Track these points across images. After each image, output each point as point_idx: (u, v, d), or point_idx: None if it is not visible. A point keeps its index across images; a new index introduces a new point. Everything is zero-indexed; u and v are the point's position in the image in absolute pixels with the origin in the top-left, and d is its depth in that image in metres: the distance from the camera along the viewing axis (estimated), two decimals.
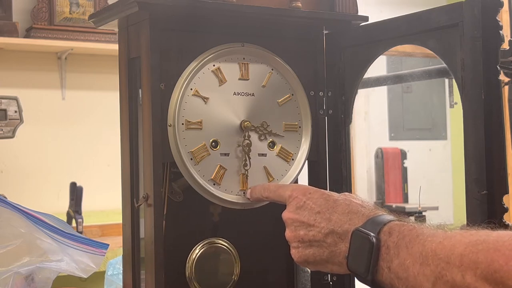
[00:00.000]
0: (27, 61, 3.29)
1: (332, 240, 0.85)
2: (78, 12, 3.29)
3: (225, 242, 1.07)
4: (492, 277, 0.65)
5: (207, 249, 1.06)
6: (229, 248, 1.07)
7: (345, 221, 0.85)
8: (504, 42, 0.93)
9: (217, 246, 1.07)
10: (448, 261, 0.70)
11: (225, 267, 1.07)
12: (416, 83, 4.10)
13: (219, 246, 1.07)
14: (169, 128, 1.00)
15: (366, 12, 1.12)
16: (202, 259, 1.05)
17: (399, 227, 0.79)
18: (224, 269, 1.07)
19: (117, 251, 2.13)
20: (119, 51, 1.09)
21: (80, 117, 3.40)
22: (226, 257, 1.07)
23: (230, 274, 1.07)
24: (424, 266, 0.73)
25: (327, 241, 0.86)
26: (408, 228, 0.78)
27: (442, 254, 0.71)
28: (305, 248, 0.89)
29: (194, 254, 1.05)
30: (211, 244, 1.06)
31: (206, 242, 1.06)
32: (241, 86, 1.06)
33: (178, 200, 1.04)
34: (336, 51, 1.14)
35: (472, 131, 0.92)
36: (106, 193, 3.08)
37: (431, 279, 0.72)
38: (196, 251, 1.05)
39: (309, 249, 0.88)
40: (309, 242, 0.88)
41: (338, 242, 0.85)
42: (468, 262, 0.68)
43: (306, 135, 1.10)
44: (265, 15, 1.05)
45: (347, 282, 1.13)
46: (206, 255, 1.05)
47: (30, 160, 3.28)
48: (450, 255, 0.70)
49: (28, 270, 1.10)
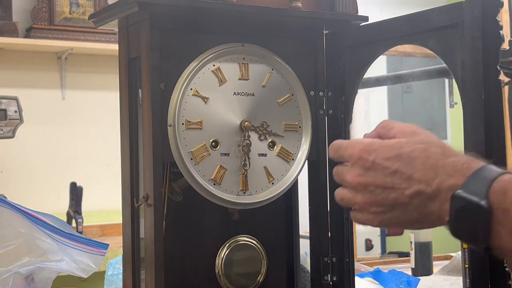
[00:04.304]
0: (27, 61, 3.29)
1: (420, 202, 0.73)
2: (78, 12, 3.29)
3: (253, 240, 1.09)
4: None
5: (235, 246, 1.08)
6: (257, 246, 1.09)
7: (431, 178, 0.72)
8: (504, 42, 0.93)
9: (245, 244, 1.09)
10: None
11: (253, 266, 1.08)
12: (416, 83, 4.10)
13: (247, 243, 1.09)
14: (169, 128, 1.00)
15: (366, 12, 1.12)
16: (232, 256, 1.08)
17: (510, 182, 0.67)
18: (252, 267, 1.09)
19: (117, 251, 2.13)
20: (119, 51, 1.09)
21: (80, 117, 3.39)
22: (254, 255, 1.09)
23: (257, 273, 1.08)
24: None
25: (413, 203, 0.74)
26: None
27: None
28: (387, 212, 0.76)
29: (222, 252, 1.07)
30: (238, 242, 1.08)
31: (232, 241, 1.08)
32: (241, 86, 1.06)
33: (178, 200, 1.04)
34: (336, 51, 1.14)
35: (472, 131, 0.92)
36: (106, 193, 3.08)
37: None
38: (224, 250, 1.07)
39: (391, 212, 0.75)
40: (390, 206, 0.75)
41: (428, 202, 0.73)
42: None
43: (306, 135, 1.10)
44: (265, 15, 1.05)
45: (347, 282, 1.13)
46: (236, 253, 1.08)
47: (30, 160, 3.27)
48: None
49: (28, 270, 1.10)
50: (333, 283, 1.13)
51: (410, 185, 0.73)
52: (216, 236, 1.08)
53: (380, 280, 1.58)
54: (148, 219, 1.00)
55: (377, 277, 1.60)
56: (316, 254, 1.12)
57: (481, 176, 0.69)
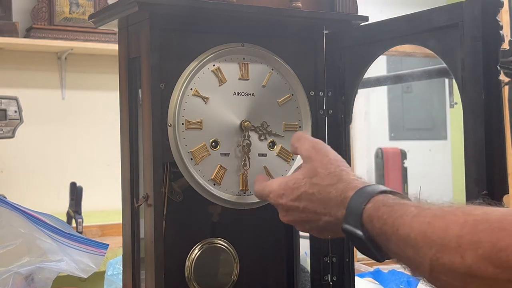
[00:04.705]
0: (27, 61, 3.29)
1: (332, 226, 0.86)
2: (78, 12, 3.29)
3: (224, 242, 1.07)
4: (496, 256, 0.63)
5: (206, 249, 1.06)
6: (229, 248, 1.07)
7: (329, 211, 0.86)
8: (504, 42, 0.93)
9: (216, 246, 1.07)
10: (442, 243, 0.68)
11: (225, 267, 1.07)
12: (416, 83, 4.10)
13: (218, 246, 1.07)
14: (169, 128, 1.00)
15: (366, 12, 1.12)
16: (201, 259, 1.05)
17: (376, 211, 0.77)
18: (224, 269, 1.07)
19: (117, 251, 2.13)
20: (119, 51, 1.09)
21: (80, 117, 3.39)
22: (225, 257, 1.07)
23: (230, 274, 1.07)
24: (417, 249, 0.71)
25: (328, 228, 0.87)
26: (386, 210, 0.76)
27: (435, 236, 0.69)
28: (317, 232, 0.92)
29: (193, 254, 1.05)
30: (211, 244, 1.06)
31: (205, 242, 1.06)
32: (241, 86, 1.06)
33: (178, 200, 1.04)
34: (336, 51, 1.14)
35: (472, 131, 0.92)
36: (106, 193, 3.08)
37: (427, 261, 0.70)
38: (195, 251, 1.05)
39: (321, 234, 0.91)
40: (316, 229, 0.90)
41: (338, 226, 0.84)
42: (468, 243, 0.66)
43: None
44: (265, 15, 1.05)
45: (347, 282, 1.13)
46: (205, 255, 1.05)
47: (30, 160, 3.28)
48: (444, 237, 0.68)
49: (28, 270, 1.10)
50: (333, 283, 1.13)
51: (319, 218, 0.87)
52: (216, 236, 1.08)
53: (380, 280, 1.58)
54: (148, 219, 1.00)
55: (377, 277, 1.60)
56: (316, 254, 1.12)
57: (354, 206, 0.81)
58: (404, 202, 0.77)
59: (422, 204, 0.76)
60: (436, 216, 0.71)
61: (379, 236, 0.77)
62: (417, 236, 0.71)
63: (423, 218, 0.72)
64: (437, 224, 0.70)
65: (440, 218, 0.70)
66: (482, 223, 0.66)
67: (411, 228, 0.72)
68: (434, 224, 0.70)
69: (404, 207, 0.76)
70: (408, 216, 0.74)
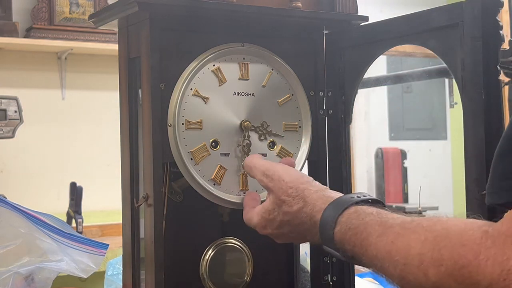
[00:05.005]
0: (27, 61, 3.29)
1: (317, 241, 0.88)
2: (78, 12, 3.29)
3: (238, 242, 1.08)
4: (459, 273, 0.64)
5: (221, 248, 1.06)
6: (242, 248, 1.08)
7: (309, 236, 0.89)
8: (504, 42, 0.93)
9: (231, 246, 1.07)
10: (405, 262, 0.69)
11: (238, 267, 1.07)
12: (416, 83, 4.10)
13: (232, 245, 1.07)
14: (169, 128, 1.00)
15: (366, 12, 1.12)
16: (216, 258, 1.06)
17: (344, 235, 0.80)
18: (237, 269, 1.07)
19: (117, 251, 2.13)
20: (119, 51, 1.09)
21: (80, 117, 3.39)
22: (239, 256, 1.07)
23: (243, 274, 1.07)
24: (385, 268, 0.73)
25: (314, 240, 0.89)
26: (353, 233, 0.78)
27: (398, 256, 0.70)
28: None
29: (207, 254, 1.05)
30: (224, 243, 1.07)
31: (219, 242, 1.07)
32: (241, 86, 1.06)
33: (178, 200, 1.04)
34: (336, 51, 1.14)
35: (472, 131, 0.92)
36: (106, 193, 3.08)
37: (396, 278, 0.72)
38: (209, 251, 1.06)
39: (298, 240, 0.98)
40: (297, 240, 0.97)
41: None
42: (429, 260, 0.67)
43: (306, 135, 1.10)
44: (265, 15, 1.05)
45: (347, 282, 1.13)
46: (220, 254, 1.06)
47: (30, 160, 3.27)
48: (406, 256, 0.69)
49: (28, 270, 1.10)
50: (333, 283, 1.13)
51: (304, 236, 0.90)
52: (216, 236, 1.08)
53: (380, 280, 1.58)
54: (148, 219, 1.00)
55: (377, 277, 1.60)
56: (316, 254, 1.12)
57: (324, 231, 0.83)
58: (368, 220, 0.78)
59: (385, 220, 0.76)
60: (399, 235, 0.72)
61: (354, 256, 0.79)
62: (384, 256, 0.73)
63: (386, 238, 0.73)
64: (399, 244, 0.71)
65: (402, 237, 0.71)
66: (443, 240, 0.67)
67: (377, 250, 0.74)
68: (397, 244, 0.71)
69: (368, 228, 0.77)
70: (372, 236, 0.75)
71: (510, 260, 0.60)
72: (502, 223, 0.64)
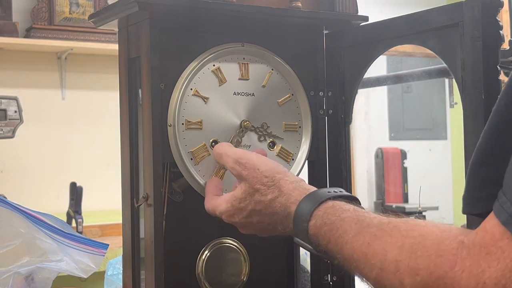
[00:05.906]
0: (27, 61, 3.29)
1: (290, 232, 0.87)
2: (78, 12, 3.29)
3: (234, 242, 1.07)
4: (434, 284, 0.63)
5: (217, 248, 1.06)
6: (239, 248, 1.07)
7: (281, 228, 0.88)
8: (504, 42, 0.93)
9: (227, 246, 1.07)
10: (382, 267, 0.69)
11: (234, 267, 1.07)
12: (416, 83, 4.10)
13: (229, 245, 1.07)
14: (169, 128, 1.00)
15: (366, 12, 1.12)
16: (212, 258, 1.05)
17: (319, 229, 0.78)
18: (233, 269, 1.07)
19: (117, 251, 2.13)
20: (119, 51, 1.09)
21: (80, 117, 3.39)
22: (235, 256, 1.07)
23: (239, 274, 1.07)
24: (361, 269, 0.72)
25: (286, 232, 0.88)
26: (328, 229, 0.77)
27: (375, 260, 0.70)
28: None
29: (204, 254, 1.05)
30: (221, 243, 1.06)
31: (215, 242, 1.06)
32: (241, 86, 1.06)
33: (178, 200, 1.04)
34: (336, 51, 1.14)
35: (472, 131, 0.92)
36: (106, 193, 3.08)
37: (371, 280, 0.71)
38: (205, 252, 1.05)
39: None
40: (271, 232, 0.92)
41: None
42: (405, 268, 0.66)
43: (306, 135, 1.10)
44: (265, 15, 1.05)
45: (347, 282, 1.13)
46: (217, 254, 1.06)
47: (30, 160, 3.27)
48: (383, 261, 0.69)
49: (28, 270, 1.10)
50: (333, 283, 1.13)
51: (275, 227, 0.88)
52: (217, 236, 1.08)
53: None
54: (148, 219, 1.00)
55: None
56: (316, 254, 1.12)
57: (299, 223, 0.82)
58: (344, 217, 0.77)
59: (362, 219, 0.76)
60: (375, 237, 0.71)
61: (328, 251, 0.78)
62: (360, 258, 0.72)
63: (362, 238, 0.73)
64: (376, 247, 0.70)
65: (378, 240, 0.71)
66: (420, 249, 0.66)
67: (353, 250, 0.73)
68: (373, 247, 0.71)
69: (344, 225, 0.76)
70: (348, 235, 0.75)
71: (485, 272, 0.60)
72: (477, 233, 0.63)
